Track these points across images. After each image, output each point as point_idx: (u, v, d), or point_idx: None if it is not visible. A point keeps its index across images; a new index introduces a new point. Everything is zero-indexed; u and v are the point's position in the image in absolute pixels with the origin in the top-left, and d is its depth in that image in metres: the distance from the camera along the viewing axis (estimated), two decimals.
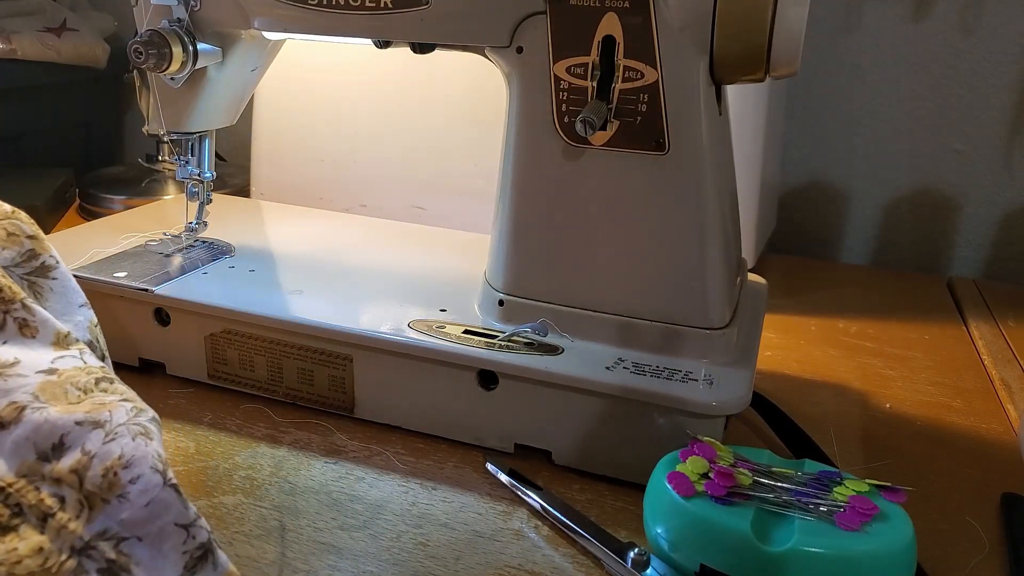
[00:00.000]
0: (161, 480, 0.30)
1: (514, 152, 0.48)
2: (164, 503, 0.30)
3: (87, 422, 0.31)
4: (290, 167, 0.79)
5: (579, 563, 0.40)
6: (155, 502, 0.30)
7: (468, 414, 0.48)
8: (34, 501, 0.30)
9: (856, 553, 0.34)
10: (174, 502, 0.30)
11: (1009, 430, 0.54)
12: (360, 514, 0.43)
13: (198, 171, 0.58)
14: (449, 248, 0.63)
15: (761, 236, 0.76)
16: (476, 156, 0.73)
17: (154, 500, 0.30)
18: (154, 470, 0.31)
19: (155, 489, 0.30)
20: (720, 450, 0.39)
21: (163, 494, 0.30)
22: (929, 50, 0.83)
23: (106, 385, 0.34)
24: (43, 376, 0.33)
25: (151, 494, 0.30)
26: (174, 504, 0.30)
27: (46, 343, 0.36)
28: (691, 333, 0.46)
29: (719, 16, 0.41)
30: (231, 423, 0.51)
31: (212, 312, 0.52)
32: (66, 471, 0.30)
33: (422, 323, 0.49)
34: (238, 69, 0.58)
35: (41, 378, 0.33)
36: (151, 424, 0.33)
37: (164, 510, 0.30)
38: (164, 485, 0.30)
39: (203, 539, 0.30)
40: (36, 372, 0.33)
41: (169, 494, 0.30)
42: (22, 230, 0.39)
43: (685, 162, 0.44)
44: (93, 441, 0.31)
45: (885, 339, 0.67)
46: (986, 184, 0.85)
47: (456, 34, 0.48)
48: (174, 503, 0.30)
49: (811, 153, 0.90)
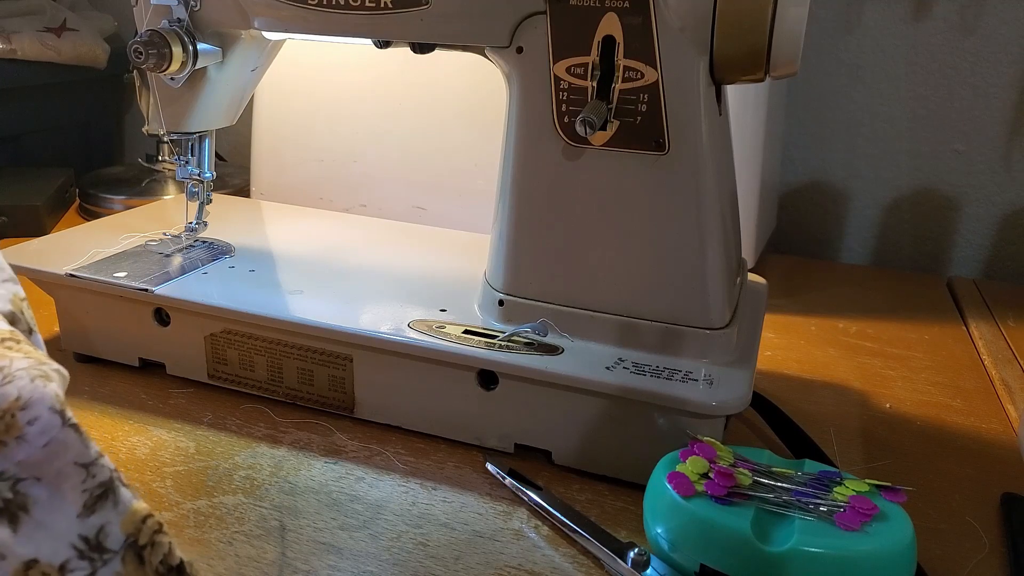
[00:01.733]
0: (60, 421, 0.30)
1: (514, 152, 0.48)
2: (63, 443, 0.29)
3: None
4: (290, 167, 0.79)
5: (579, 563, 0.40)
6: (53, 442, 0.29)
7: (468, 414, 0.48)
8: None
9: (856, 553, 0.34)
10: (74, 442, 0.30)
11: (1009, 430, 0.54)
12: (360, 514, 0.43)
13: (198, 171, 0.58)
14: (449, 248, 0.63)
15: (761, 236, 0.76)
16: (476, 156, 0.73)
17: (52, 440, 0.29)
18: (52, 410, 0.30)
19: (53, 429, 0.30)
20: (720, 450, 0.39)
21: (61, 435, 0.30)
22: (929, 50, 0.83)
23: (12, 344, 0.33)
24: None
25: (49, 434, 0.29)
26: (73, 444, 0.30)
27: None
28: (691, 333, 0.46)
29: (719, 16, 0.41)
30: (231, 423, 0.51)
31: (212, 312, 0.52)
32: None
33: (422, 323, 0.49)
34: (238, 69, 0.58)
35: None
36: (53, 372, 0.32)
37: (63, 450, 0.29)
38: (63, 426, 0.30)
39: (104, 477, 0.30)
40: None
41: (68, 434, 0.30)
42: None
43: (685, 162, 0.44)
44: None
45: (885, 339, 0.67)
46: (986, 184, 0.85)
47: (456, 34, 0.48)
48: (73, 443, 0.30)
49: (811, 153, 0.90)
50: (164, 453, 0.47)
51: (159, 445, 0.48)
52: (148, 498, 0.43)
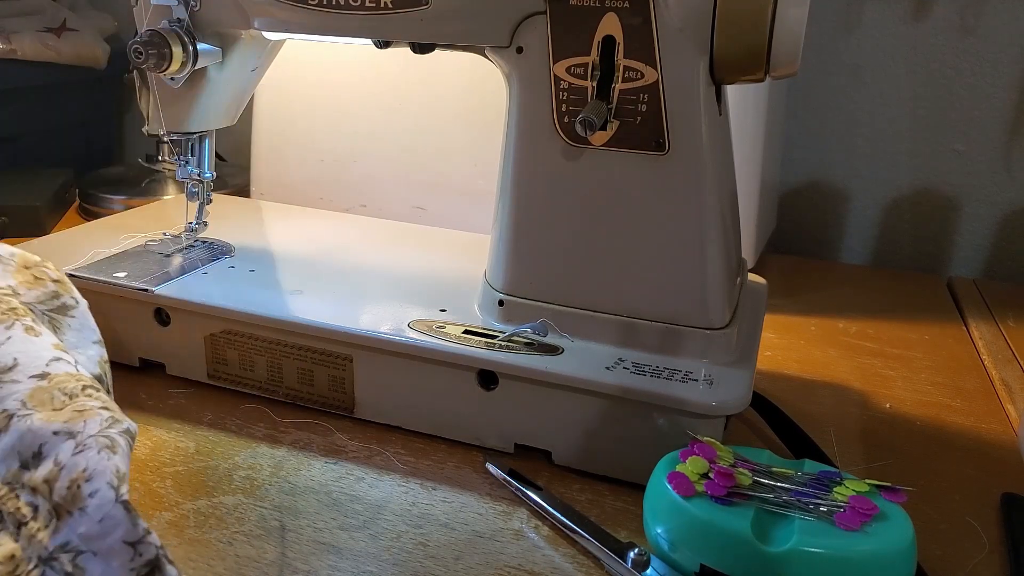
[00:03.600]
0: (114, 496, 0.31)
1: (514, 152, 0.48)
2: (114, 519, 0.30)
3: (63, 432, 0.33)
4: (290, 167, 0.79)
5: (579, 563, 0.40)
6: (107, 518, 0.30)
7: (468, 414, 0.48)
8: (12, 509, 0.31)
9: (856, 553, 0.34)
10: (123, 519, 0.31)
11: (1009, 430, 0.54)
12: (360, 514, 0.43)
13: (198, 171, 0.58)
14: (449, 248, 0.63)
15: (761, 236, 0.76)
16: (476, 156, 0.73)
17: (106, 516, 0.30)
18: (110, 485, 0.31)
19: (108, 505, 0.31)
20: (720, 450, 0.39)
21: (114, 510, 0.31)
22: (929, 50, 0.83)
23: (92, 392, 0.35)
24: (35, 382, 0.35)
25: (104, 509, 0.30)
26: (123, 521, 0.31)
27: (48, 342, 0.38)
28: (691, 333, 0.46)
29: (719, 16, 0.41)
30: (231, 423, 0.51)
31: (212, 312, 0.52)
32: (40, 480, 0.31)
33: (422, 323, 0.49)
34: (238, 69, 0.58)
35: (33, 384, 0.35)
36: (121, 436, 0.34)
37: (114, 527, 0.30)
38: (115, 501, 0.31)
39: (150, 556, 0.31)
40: (30, 377, 0.35)
41: (119, 511, 0.31)
42: (47, 275, 0.44)
43: (685, 162, 0.44)
44: (64, 452, 0.32)
45: (885, 339, 0.67)
46: (986, 184, 0.85)
47: (456, 34, 0.48)
48: (123, 520, 0.31)
49: (811, 153, 0.90)
50: (164, 453, 0.47)
51: (159, 445, 0.48)
52: (148, 498, 0.43)
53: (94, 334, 0.44)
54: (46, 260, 0.45)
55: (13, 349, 0.36)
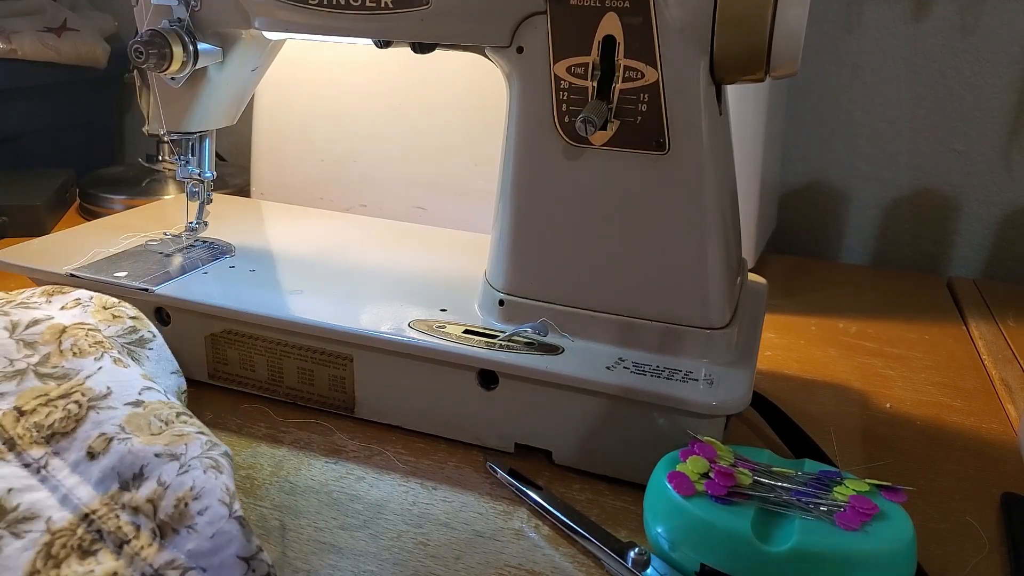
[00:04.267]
0: (227, 512, 0.32)
1: (514, 152, 0.48)
2: (228, 535, 0.31)
3: (164, 454, 0.34)
4: (290, 167, 0.79)
5: (579, 563, 0.40)
6: (219, 534, 0.31)
7: (468, 414, 0.48)
8: (113, 528, 0.32)
9: (856, 553, 0.34)
10: (237, 535, 0.31)
11: (1009, 430, 0.54)
12: (360, 514, 0.43)
13: (198, 171, 0.58)
14: (449, 248, 0.63)
15: (761, 236, 0.76)
16: (476, 156, 0.73)
17: (219, 532, 0.31)
18: (221, 503, 0.32)
19: (220, 521, 0.31)
20: (720, 450, 0.39)
21: (227, 526, 0.31)
22: (929, 50, 0.83)
23: (186, 418, 0.37)
24: (130, 408, 0.36)
25: (216, 526, 0.31)
26: (237, 537, 0.31)
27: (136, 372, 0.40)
28: (691, 333, 0.46)
29: (719, 16, 0.41)
30: (231, 423, 0.51)
31: (212, 312, 0.52)
32: (143, 500, 0.32)
33: (422, 323, 0.49)
34: (238, 69, 0.58)
35: (128, 410, 0.36)
36: (223, 458, 0.35)
37: (227, 542, 0.31)
38: (229, 517, 0.32)
39: (263, 572, 0.31)
40: (124, 404, 0.37)
41: (233, 526, 0.31)
42: (124, 312, 0.47)
43: (685, 162, 0.44)
44: (168, 472, 0.33)
45: (885, 339, 0.67)
46: (986, 184, 0.85)
47: (456, 34, 0.48)
48: (237, 536, 0.31)
49: (811, 153, 0.90)
50: None
51: None
52: None
53: (172, 364, 0.47)
54: (122, 301, 0.48)
55: (106, 378, 0.39)
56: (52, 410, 0.36)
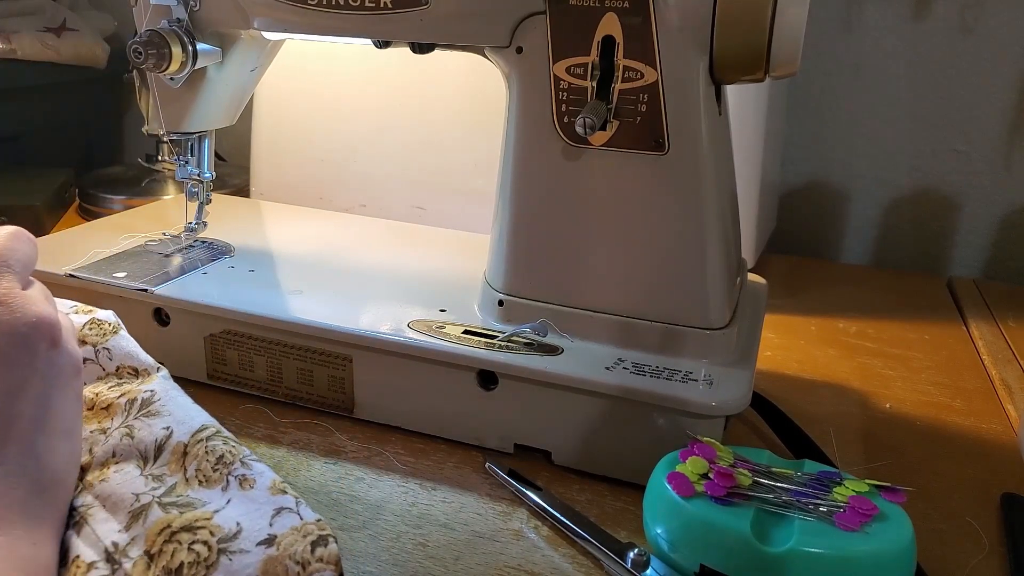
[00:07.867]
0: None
1: (514, 152, 0.48)
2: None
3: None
4: (290, 167, 0.79)
5: (579, 563, 0.40)
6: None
7: (468, 414, 0.48)
8: None
9: (856, 553, 0.34)
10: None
11: (1009, 430, 0.54)
12: (360, 514, 0.43)
13: (198, 171, 0.58)
14: (449, 248, 0.63)
15: (761, 236, 0.76)
16: (476, 156, 0.73)
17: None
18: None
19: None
20: (720, 450, 0.39)
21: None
22: (929, 50, 0.83)
23: (321, 551, 0.33)
24: (263, 549, 0.33)
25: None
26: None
27: (263, 488, 0.36)
28: (691, 333, 0.46)
29: (719, 16, 0.41)
30: (231, 423, 0.50)
31: (212, 312, 0.52)
32: None
33: (422, 323, 0.49)
34: (237, 69, 0.58)
35: (262, 552, 0.33)
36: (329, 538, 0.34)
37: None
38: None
39: None
40: (257, 544, 0.33)
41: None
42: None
43: (685, 162, 0.44)
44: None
45: (885, 339, 0.67)
46: (986, 184, 0.85)
47: (456, 34, 0.48)
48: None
49: (811, 153, 0.90)
50: None
51: None
52: None
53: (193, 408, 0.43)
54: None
55: (235, 513, 0.34)
56: (177, 547, 0.33)
